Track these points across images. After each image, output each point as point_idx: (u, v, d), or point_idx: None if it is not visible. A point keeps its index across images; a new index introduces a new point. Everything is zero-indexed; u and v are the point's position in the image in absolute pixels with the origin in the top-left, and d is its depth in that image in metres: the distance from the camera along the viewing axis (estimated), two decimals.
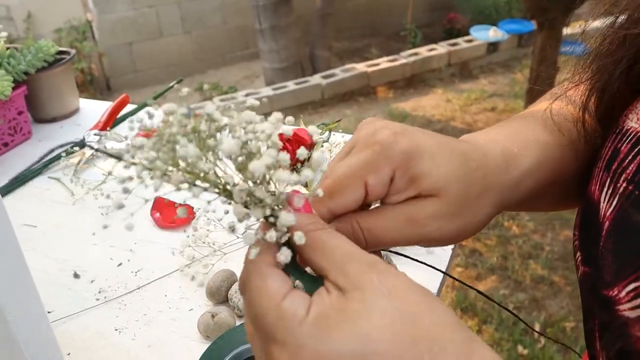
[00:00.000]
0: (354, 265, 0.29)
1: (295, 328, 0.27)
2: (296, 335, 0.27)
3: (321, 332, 0.27)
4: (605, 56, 0.43)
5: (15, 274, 0.49)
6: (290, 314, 0.28)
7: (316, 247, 0.30)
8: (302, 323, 0.27)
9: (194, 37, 4.48)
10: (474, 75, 4.07)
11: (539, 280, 2.10)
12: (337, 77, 3.78)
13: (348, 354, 0.26)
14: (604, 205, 0.37)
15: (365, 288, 0.28)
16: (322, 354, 0.27)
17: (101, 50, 4.20)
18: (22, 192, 0.88)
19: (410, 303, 0.28)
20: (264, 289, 0.29)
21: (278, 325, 0.28)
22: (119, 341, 0.60)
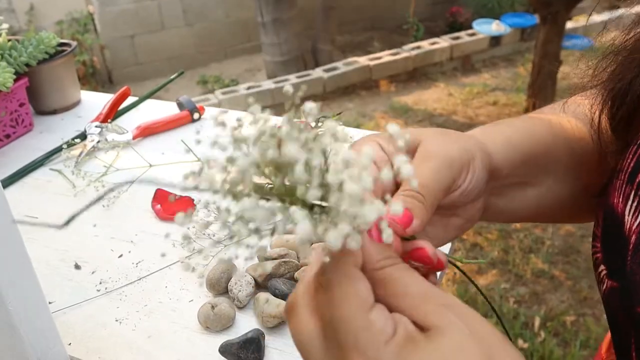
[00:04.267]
0: (431, 306, 0.28)
1: (381, 344, 0.27)
2: (381, 352, 0.27)
3: (408, 352, 0.27)
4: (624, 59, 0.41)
5: (16, 265, 0.49)
6: (377, 328, 0.27)
7: (390, 287, 0.29)
8: (388, 342, 0.27)
9: (196, 30, 4.47)
10: (477, 69, 4.06)
11: (539, 274, 2.10)
12: (339, 71, 3.77)
13: None
14: (629, 219, 0.37)
15: (447, 328, 0.27)
16: None
17: (103, 42, 4.20)
18: (23, 184, 0.88)
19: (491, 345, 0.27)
20: (353, 293, 0.28)
21: (363, 336, 0.27)
22: (120, 332, 0.60)
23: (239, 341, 0.55)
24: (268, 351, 0.56)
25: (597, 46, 0.47)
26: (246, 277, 0.61)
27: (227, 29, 4.55)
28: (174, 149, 0.92)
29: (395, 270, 0.29)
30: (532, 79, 2.78)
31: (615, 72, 0.42)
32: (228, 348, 0.55)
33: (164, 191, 0.79)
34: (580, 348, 1.78)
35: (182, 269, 0.67)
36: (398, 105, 3.60)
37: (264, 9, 3.71)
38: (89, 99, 1.14)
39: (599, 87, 0.43)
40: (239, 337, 0.55)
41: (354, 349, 0.27)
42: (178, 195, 0.79)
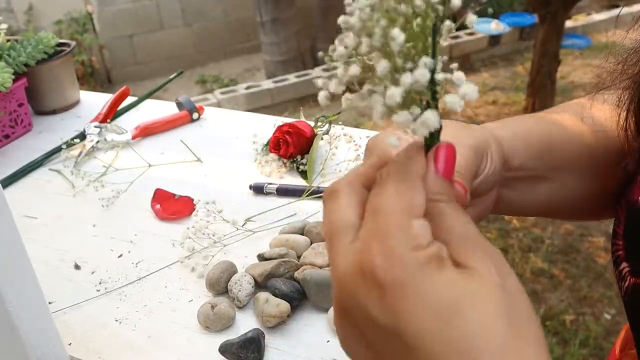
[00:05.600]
0: (474, 249, 0.27)
1: (408, 248, 0.26)
2: (406, 255, 0.26)
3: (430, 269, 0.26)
4: None
5: (16, 265, 0.49)
6: (413, 233, 0.26)
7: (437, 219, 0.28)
8: (416, 249, 0.26)
9: (195, 30, 4.47)
10: (476, 68, 4.06)
11: (539, 273, 2.11)
12: None
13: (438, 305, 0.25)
14: None
15: (482, 272, 0.26)
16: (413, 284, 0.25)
17: (102, 42, 4.20)
18: (23, 184, 0.88)
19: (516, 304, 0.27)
20: (405, 194, 0.27)
21: (397, 234, 0.26)
22: (120, 332, 0.60)
23: (238, 341, 0.55)
24: (268, 351, 0.56)
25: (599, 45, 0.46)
26: (246, 277, 0.61)
27: (226, 28, 4.55)
28: (173, 149, 0.92)
29: (448, 206, 0.29)
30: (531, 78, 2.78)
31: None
32: (228, 348, 0.55)
33: (164, 191, 0.80)
34: (580, 347, 1.78)
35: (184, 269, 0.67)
36: None
37: (263, 9, 3.71)
38: (88, 99, 1.14)
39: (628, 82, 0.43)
40: (238, 336, 0.56)
41: (381, 242, 0.26)
42: (177, 195, 0.79)
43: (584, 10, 4.52)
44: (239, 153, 0.88)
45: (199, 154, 0.89)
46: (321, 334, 0.57)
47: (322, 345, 0.56)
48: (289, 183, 0.79)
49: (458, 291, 0.25)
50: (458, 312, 0.25)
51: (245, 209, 0.76)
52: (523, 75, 3.76)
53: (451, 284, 0.26)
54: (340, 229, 0.29)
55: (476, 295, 0.25)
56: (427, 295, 0.25)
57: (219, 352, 0.55)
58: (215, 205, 0.70)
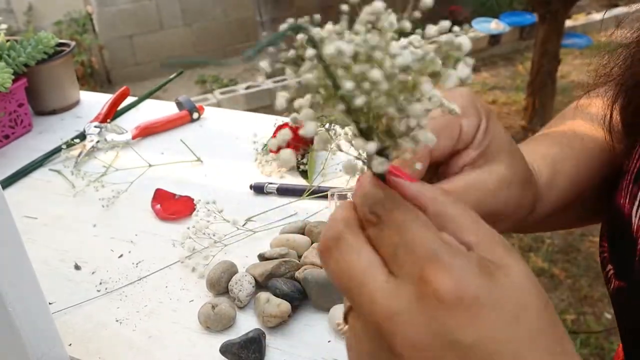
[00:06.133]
0: (500, 247, 0.27)
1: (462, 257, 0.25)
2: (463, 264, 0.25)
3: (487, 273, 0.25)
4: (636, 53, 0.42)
5: (16, 265, 0.49)
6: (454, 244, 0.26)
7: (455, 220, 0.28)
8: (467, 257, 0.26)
9: (195, 30, 4.47)
10: (475, 67, 4.03)
11: (539, 273, 2.10)
12: None
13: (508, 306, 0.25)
14: (636, 220, 0.37)
15: (512, 267, 0.26)
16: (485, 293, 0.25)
17: (101, 42, 4.19)
18: (23, 184, 0.88)
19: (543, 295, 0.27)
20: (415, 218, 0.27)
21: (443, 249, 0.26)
22: (120, 332, 0.60)
23: (239, 341, 0.54)
24: (269, 351, 0.56)
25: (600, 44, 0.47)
26: (246, 277, 0.61)
27: (226, 28, 4.55)
28: (173, 149, 0.92)
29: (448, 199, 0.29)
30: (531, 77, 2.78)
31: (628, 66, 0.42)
32: (229, 348, 0.54)
33: (164, 191, 0.79)
34: (580, 347, 1.78)
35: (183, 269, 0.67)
36: None
37: (262, 9, 3.71)
38: (88, 99, 1.14)
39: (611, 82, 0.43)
40: (239, 337, 0.55)
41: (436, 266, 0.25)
42: (178, 195, 0.79)
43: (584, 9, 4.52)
44: (239, 153, 0.88)
45: (199, 154, 0.88)
46: (322, 334, 0.57)
47: (324, 345, 0.56)
48: (290, 183, 0.79)
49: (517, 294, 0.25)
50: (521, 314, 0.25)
51: (245, 208, 0.76)
52: (523, 74, 3.76)
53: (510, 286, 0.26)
54: (366, 271, 0.27)
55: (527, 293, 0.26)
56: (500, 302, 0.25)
57: (219, 353, 0.55)
58: (215, 205, 0.70)
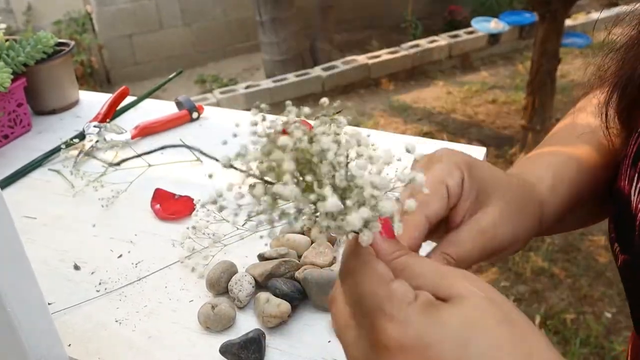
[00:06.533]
0: (449, 279, 0.31)
1: (404, 306, 0.29)
2: (405, 312, 0.29)
3: (429, 314, 0.29)
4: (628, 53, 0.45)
5: (15, 265, 0.49)
6: (400, 293, 0.30)
7: (407, 271, 0.32)
8: (410, 304, 0.29)
9: (194, 30, 4.47)
10: (475, 67, 4.05)
11: (539, 272, 2.10)
12: (337, 69, 3.77)
13: (449, 336, 0.28)
14: (635, 199, 0.41)
15: (466, 294, 0.30)
16: (425, 333, 0.28)
17: (101, 42, 4.19)
18: (22, 184, 0.88)
19: (508, 309, 0.30)
20: (373, 270, 0.31)
21: (388, 302, 0.30)
22: (120, 332, 0.60)
23: (239, 341, 0.54)
24: (269, 351, 0.56)
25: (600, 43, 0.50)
26: (246, 277, 0.61)
27: (226, 28, 4.55)
28: (173, 149, 0.92)
29: (409, 257, 0.32)
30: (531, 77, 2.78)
31: (619, 66, 0.45)
32: (228, 348, 0.54)
33: (163, 191, 0.79)
34: (580, 346, 1.78)
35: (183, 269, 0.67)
36: (397, 103, 3.60)
37: (262, 8, 3.70)
38: (88, 99, 1.14)
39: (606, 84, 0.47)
40: (239, 337, 0.55)
41: (382, 317, 0.29)
42: (177, 195, 0.79)
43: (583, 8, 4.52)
44: None
45: (198, 154, 0.88)
46: (322, 333, 0.57)
47: (323, 345, 0.56)
48: None
49: (462, 319, 0.28)
50: (470, 336, 0.28)
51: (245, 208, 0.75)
52: (523, 74, 3.76)
53: (455, 316, 0.29)
54: (344, 329, 0.33)
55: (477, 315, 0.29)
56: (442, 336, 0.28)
57: (219, 353, 0.55)
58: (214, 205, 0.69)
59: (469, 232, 0.39)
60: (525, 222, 0.42)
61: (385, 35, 4.59)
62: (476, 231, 0.39)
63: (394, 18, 4.61)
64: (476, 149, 0.83)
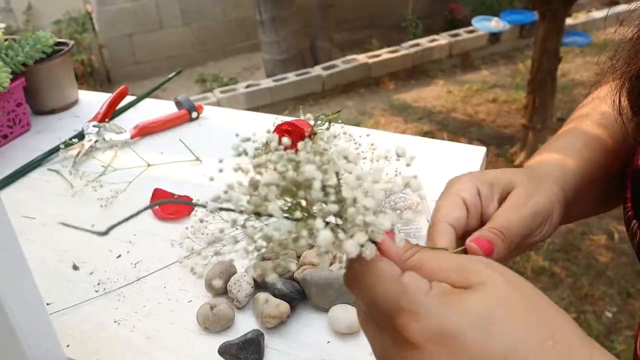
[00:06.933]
0: (469, 268, 0.30)
1: (421, 297, 0.29)
2: (424, 304, 0.29)
3: (447, 302, 0.28)
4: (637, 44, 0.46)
5: (13, 265, 0.49)
6: (414, 286, 0.29)
7: (424, 267, 0.31)
8: (427, 293, 0.29)
9: (194, 29, 4.46)
10: (476, 66, 4.05)
11: (539, 271, 2.10)
12: (338, 69, 3.76)
13: (471, 324, 0.28)
14: None
15: (487, 281, 0.29)
16: (447, 322, 0.28)
17: (101, 41, 4.19)
18: (21, 184, 0.88)
19: (531, 292, 0.30)
20: (379, 271, 0.30)
21: (404, 297, 0.29)
22: (118, 333, 0.60)
23: (238, 342, 0.54)
24: (267, 352, 0.55)
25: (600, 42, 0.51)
26: (245, 277, 0.61)
27: (226, 27, 4.54)
28: (172, 149, 0.92)
29: (422, 253, 0.32)
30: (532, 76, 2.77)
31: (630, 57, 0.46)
32: (227, 349, 0.54)
33: (162, 191, 0.79)
34: None
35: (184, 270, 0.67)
36: (397, 102, 3.59)
37: (262, 7, 3.70)
38: (87, 99, 1.13)
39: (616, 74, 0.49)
40: (238, 337, 0.55)
41: (401, 314, 0.29)
42: (177, 195, 0.78)
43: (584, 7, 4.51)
44: None
45: (198, 153, 0.88)
46: (321, 334, 0.57)
47: (323, 345, 0.56)
48: None
49: (482, 306, 0.28)
50: (492, 322, 0.28)
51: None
52: (523, 72, 3.75)
53: (475, 303, 0.28)
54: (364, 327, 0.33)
55: (497, 300, 0.28)
56: (464, 322, 0.28)
57: (218, 354, 0.55)
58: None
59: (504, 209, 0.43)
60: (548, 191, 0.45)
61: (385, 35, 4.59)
62: (509, 206, 0.43)
63: (394, 17, 4.60)
64: (476, 148, 0.83)
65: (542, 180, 0.46)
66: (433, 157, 0.83)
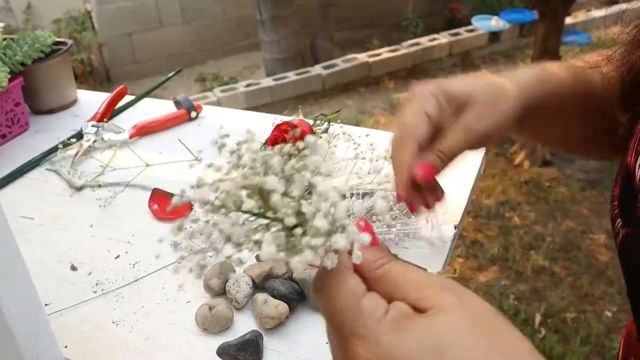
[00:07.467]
0: (430, 289, 0.30)
1: (373, 324, 0.29)
2: (375, 331, 0.29)
3: (399, 330, 0.29)
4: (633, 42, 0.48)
5: (10, 266, 0.49)
6: (369, 311, 0.30)
7: (389, 280, 0.32)
8: (380, 320, 0.29)
9: (194, 28, 4.46)
10: (476, 65, 4.05)
11: (540, 271, 2.10)
12: (338, 68, 3.76)
13: (421, 352, 0.28)
14: (639, 172, 0.43)
15: (444, 305, 0.29)
16: (395, 351, 0.28)
17: (101, 41, 4.19)
18: (19, 184, 0.88)
19: (488, 318, 0.29)
20: (343, 287, 0.31)
21: (357, 321, 0.30)
22: (117, 333, 0.59)
23: (236, 343, 0.54)
24: (266, 352, 0.55)
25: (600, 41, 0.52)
26: (244, 278, 0.60)
27: (226, 26, 4.54)
28: (171, 148, 0.91)
29: (392, 265, 0.32)
30: None
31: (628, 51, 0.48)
32: (226, 350, 0.54)
33: (161, 191, 0.79)
34: (581, 345, 1.78)
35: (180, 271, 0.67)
36: (397, 102, 3.59)
37: (262, 7, 3.70)
38: (86, 98, 1.13)
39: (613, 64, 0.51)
40: (237, 338, 0.55)
41: (352, 336, 0.30)
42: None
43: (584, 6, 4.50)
44: None
45: (197, 154, 0.88)
46: (320, 335, 0.57)
47: (322, 346, 0.55)
48: None
49: (434, 334, 0.28)
50: (443, 350, 0.28)
51: None
52: None
53: (427, 331, 0.28)
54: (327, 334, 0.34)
55: (449, 328, 0.28)
56: (413, 351, 0.28)
57: (216, 354, 0.54)
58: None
59: (455, 130, 0.50)
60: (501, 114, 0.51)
61: (385, 34, 4.59)
62: (460, 127, 0.50)
63: (394, 16, 4.60)
64: None
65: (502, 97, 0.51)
66: None
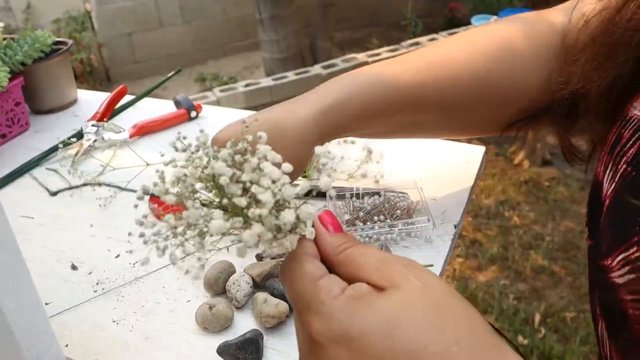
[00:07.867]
0: (391, 267, 0.31)
1: (328, 301, 0.30)
2: (328, 307, 0.30)
3: (353, 308, 0.29)
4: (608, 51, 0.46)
5: (10, 266, 0.49)
6: (325, 289, 0.31)
7: (352, 262, 0.33)
8: (336, 298, 0.30)
9: (194, 28, 4.46)
10: None
11: (539, 270, 2.10)
12: (337, 67, 3.76)
13: (374, 328, 0.28)
14: (606, 185, 0.42)
15: (402, 283, 0.30)
16: (349, 326, 0.29)
17: (100, 40, 4.19)
18: (19, 184, 0.88)
19: (444, 298, 0.30)
20: (302, 270, 0.32)
21: (314, 299, 0.31)
22: (117, 333, 0.59)
23: (237, 342, 0.54)
24: (267, 352, 0.55)
25: None
26: (244, 277, 0.60)
27: (225, 26, 4.54)
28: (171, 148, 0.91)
29: (354, 249, 0.33)
30: None
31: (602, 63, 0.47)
32: (226, 349, 0.54)
33: None
34: (580, 344, 1.78)
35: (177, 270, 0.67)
36: None
37: (262, 6, 3.70)
38: (86, 98, 1.13)
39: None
40: (237, 337, 0.55)
41: (309, 312, 0.31)
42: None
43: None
44: None
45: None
46: None
47: None
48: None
49: (389, 310, 0.29)
50: (396, 326, 0.28)
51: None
52: None
53: (381, 307, 0.29)
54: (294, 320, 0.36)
55: (404, 305, 0.29)
56: (365, 327, 0.29)
57: (217, 354, 0.55)
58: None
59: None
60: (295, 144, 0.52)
61: (385, 33, 4.59)
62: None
63: (394, 16, 4.60)
64: (476, 148, 0.82)
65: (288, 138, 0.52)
66: (433, 156, 0.83)
